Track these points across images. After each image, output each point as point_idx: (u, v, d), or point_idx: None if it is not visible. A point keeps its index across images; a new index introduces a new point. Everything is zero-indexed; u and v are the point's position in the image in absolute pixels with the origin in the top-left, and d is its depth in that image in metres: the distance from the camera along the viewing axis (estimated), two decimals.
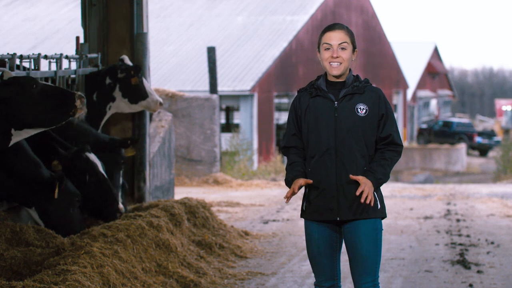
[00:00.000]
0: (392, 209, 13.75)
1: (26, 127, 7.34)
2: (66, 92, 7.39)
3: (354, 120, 5.46)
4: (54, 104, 7.30)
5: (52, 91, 7.37)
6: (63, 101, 7.32)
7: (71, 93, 7.36)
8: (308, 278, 8.48)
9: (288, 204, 14.62)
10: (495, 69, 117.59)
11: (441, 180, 32.55)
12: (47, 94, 7.32)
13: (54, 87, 7.45)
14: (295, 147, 5.61)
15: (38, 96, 7.28)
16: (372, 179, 5.41)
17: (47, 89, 7.36)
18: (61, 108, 7.32)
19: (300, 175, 5.49)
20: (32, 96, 7.26)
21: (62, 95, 7.35)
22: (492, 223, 12.42)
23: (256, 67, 30.00)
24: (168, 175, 13.05)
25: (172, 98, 18.77)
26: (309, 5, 33.98)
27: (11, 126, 7.29)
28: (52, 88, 7.42)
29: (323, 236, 5.55)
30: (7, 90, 7.23)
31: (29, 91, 7.26)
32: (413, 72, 56.47)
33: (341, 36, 5.50)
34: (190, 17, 35.06)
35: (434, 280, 8.51)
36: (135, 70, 10.07)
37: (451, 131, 51.54)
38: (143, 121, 10.94)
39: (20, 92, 7.24)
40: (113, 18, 10.85)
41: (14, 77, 7.37)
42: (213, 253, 9.28)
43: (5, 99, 7.22)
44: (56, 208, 8.14)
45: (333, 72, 5.51)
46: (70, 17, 35.82)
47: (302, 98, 5.58)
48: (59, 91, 7.40)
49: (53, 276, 6.53)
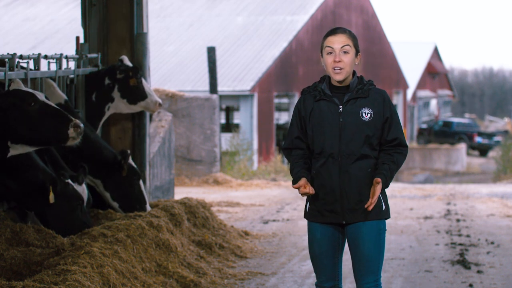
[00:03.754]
0: (392, 209, 13.76)
1: (21, 142, 7.31)
2: (63, 117, 7.23)
3: (359, 125, 5.46)
4: (47, 126, 7.23)
5: (50, 112, 7.25)
6: (56, 126, 7.22)
7: (66, 120, 7.21)
8: (308, 278, 8.48)
9: (288, 204, 14.62)
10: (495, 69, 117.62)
11: (441, 180, 32.54)
12: (44, 113, 7.24)
13: (53, 109, 7.31)
14: (298, 148, 5.60)
15: (34, 114, 7.23)
16: (382, 179, 5.42)
17: (45, 109, 7.26)
18: (52, 132, 7.22)
19: (303, 173, 5.49)
20: (28, 113, 7.22)
21: (57, 119, 7.21)
22: (492, 223, 12.42)
23: (256, 67, 29.99)
24: (168, 175, 13.05)
25: (172, 98, 18.77)
26: (309, 5, 33.97)
27: (8, 138, 7.29)
28: (51, 109, 7.28)
29: (325, 236, 5.55)
30: (7, 101, 7.23)
31: (26, 107, 7.23)
32: (413, 72, 56.45)
33: (343, 39, 5.48)
34: (190, 17, 35.05)
35: (434, 280, 8.51)
36: (133, 71, 10.06)
37: (451, 131, 51.53)
38: (143, 121, 10.94)
39: (17, 106, 7.23)
40: (113, 18, 10.84)
41: (16, 89, 7.34)
42: (213, 253, 9.28)
43: (4, 110, 7.22)
44: (55, 212, 8.07)
45: (336, 78, 5.50)
46: (70, 17, 35.82)
47: (306, 100, 5.57)
48: (56, 114, 7.25)
49: (53, 276, 6.53)
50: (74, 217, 8.16)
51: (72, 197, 8.14)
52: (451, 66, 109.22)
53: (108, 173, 9.43)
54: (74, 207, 8.16)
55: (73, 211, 8.15)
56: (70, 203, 8.12)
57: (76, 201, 8.17)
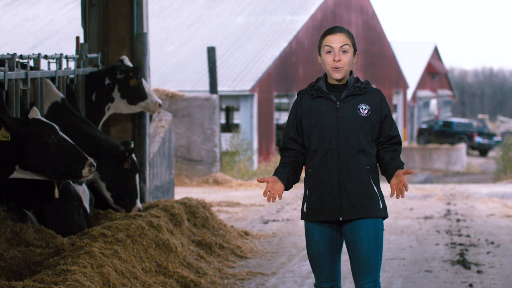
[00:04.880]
0: (392, 209, 13.75)
1: (30, 170, 7.32)
2: (80, 155, 7.35)
3: (357, 120, 5.47)
4: (63, 161, 7.30)
5: (68, 148, 7.33)
6: (72, 163, 7.32)
7: (83, 158, 7.33)
8: (308, 278, 8.48)
9: (288, 204, 14.62)
10: (495, 69, 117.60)
11: (441, 180, 32.54)
12: (61, 148, 7.30)
13: (70, 145, 7.38)
14: (290, 149, 5.61)
15: (52, 147, 7.27)
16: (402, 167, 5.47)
17: (63, 144, 7.33)
18: (67, 168, 7.32)
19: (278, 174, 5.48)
20: (45, 145, 7.25)
21: (74, 157, 7.32)
22: (492, 223, 12.42)
23: (256, 67, 29.99)
24: (168, 175, 13.05)
25: (172, 98, 18.77)
26: (309, 5, 33.97)
27: (17, 163, 7.28)
28: (69, 145, 7.36)
29: (323, 237, 5.54)
30: (26, 129, 7.22)
31: (45, 139, 7.26)
32: (413, 72, 56.47)
33: (342, 39, 5.50)
34: (190, 17, 35.05)
35: (434, 280, 8.51)
36: (133, 71, 10.05)
37: (451, 131, 51.54)
38: (143, 121, 10.94)
39: (36, 136, 7.23)
40: (113, 18, 10.85)
41: (36, 118, 7.32)
42: (213, 253, 9.28)
43: (21, 138, 7.20)
44: (53, 212, 8.08)
45: (335, 76, 5.51)
46: (70, 17, 35.82)
47: (303, 99, 5.58)
48: (74, 151, 7.36)
49: (53, 276, 6.53)
50: (72, 217, 8.18)
51: (73, 197, 8.17)
52: (451, 66, 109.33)
53: (107, 164, 9.35)
54: (73, 207, 8.18)
55: (72, 211, 8.17)
56: (69, 203, 8.14)
57: (75, 202, 8.19)
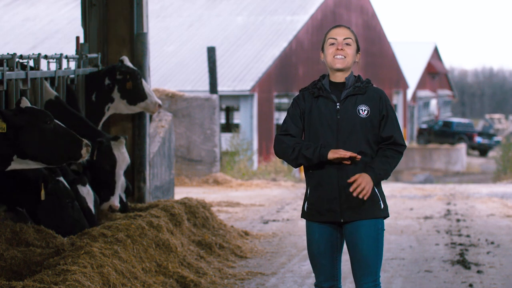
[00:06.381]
0: (392, 209, 13.75)
1: (29, 158, 7.39)
2: (75, 137, 7.51)
3: (356, 122, 5.46)
4: (61, 145, 7.42)
5: (63, 132, 7.48)
6: (70, 145, 7.46)
7: (79, 140, 7.49)
8: (308, 278, 8.48)
9: (288, 204, 14.63)
10: (495, 69, 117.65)
11: (441, 180, 32.54)
12: (57, 133, 7.43)
13: (65, 129, 7.54)
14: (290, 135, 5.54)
15: (48, 133, 7.37)
16: (371, 174, 5.39)
17: (59, 129, 7.46)
18: (66, 151, 7.45)
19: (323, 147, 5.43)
20: (43, 131, 7.34)
21: (71, 139, 7.48)
22: (492, 223, 12.42)
23: (256, 67, 29.99)
24: (168, 175, 13.04)
25: (172, 98, 18.76)
26: (309, 5, 33.97)
27: (15, 153, 7.34)
28: (64, 130, 7.51)
29: (323, 236, 5.54)
30: (22, 118, 7.30)
31: (42, 125, 7.35)
32: (413, 72, 56.47)
33: (347, 33, 5.57)
34: (190, 17, 35.05)
35: (434, 280, 8.51)
36: (131, 75, 10.04)
37: (451, 131, 51.54)
38: (143, 122, 10.94)
39: (32, 124, 7.32)
40: (113, 18, 10.85)
41: (30, 107, 7.43)
42: (213, 253, 9.28)
43: (17, 127, 7.28)
44: (46, 210, 8.10)
45: (336, 65, 5.51)
46: (70, 17, 35.82)
47: (306, 96, 5.58)
48: (69, 134, 7.51)
49: (53, 276, 6.53)
50: (65, 215, 8.18)
51: (63, 195, 8.17)
52: (451, 66, 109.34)
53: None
54: (64, 205, 8.18)
55: (64, 209, 8.18)
56: (60, 201, 8.15)
57: (66, 199, 8.19)
